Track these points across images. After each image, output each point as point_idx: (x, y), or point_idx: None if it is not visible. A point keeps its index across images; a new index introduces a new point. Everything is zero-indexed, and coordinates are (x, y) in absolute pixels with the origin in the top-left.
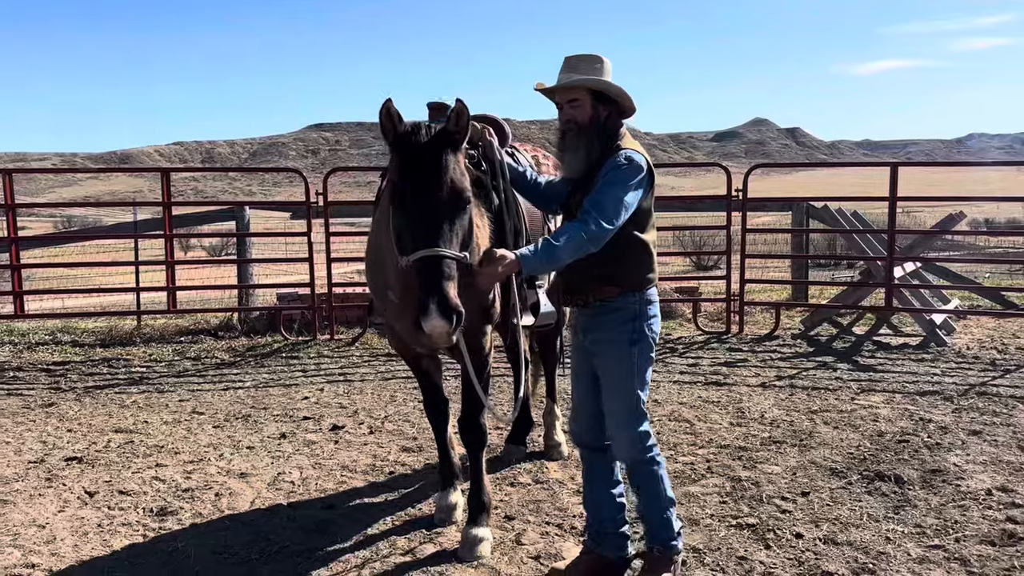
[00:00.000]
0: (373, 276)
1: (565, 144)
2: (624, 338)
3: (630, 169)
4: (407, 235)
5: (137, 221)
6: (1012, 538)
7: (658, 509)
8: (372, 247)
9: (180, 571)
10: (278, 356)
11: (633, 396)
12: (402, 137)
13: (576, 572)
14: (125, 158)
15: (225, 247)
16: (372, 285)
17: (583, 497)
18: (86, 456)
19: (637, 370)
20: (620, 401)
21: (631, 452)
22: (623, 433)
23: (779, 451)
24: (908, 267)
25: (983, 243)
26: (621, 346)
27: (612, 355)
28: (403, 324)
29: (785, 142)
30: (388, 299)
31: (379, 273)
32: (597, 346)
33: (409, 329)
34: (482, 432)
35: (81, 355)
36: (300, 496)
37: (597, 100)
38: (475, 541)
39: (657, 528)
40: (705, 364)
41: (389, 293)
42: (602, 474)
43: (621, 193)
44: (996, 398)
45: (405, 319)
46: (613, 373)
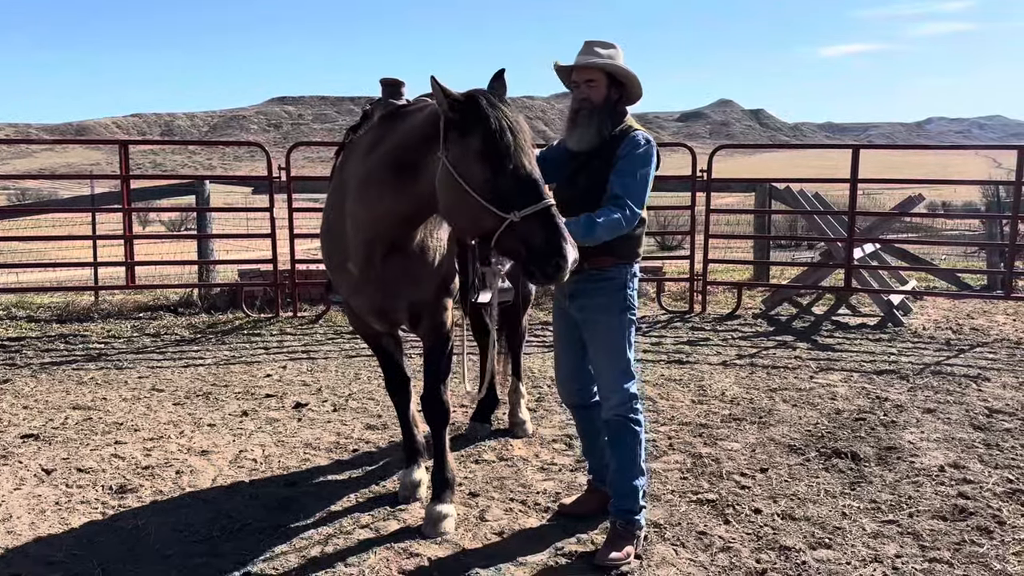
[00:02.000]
0: (329, 251)
1: (578, 120)
2: (616, 305)
3: (649, 151)
4: (520, 192)
5: (94, 194)
6: (963, 513)
7: (629, 475)
8: (328, 221)
9: (140, 549)
10: (240, 333)
11: (624, 357)
12: (486, 102)
13: (586, 506)
14: (82, 130)
15: (185, 222)
16: (328, 260)
17: (582, 449)
18: (43, 433)
19: (625, 332)
20: (612, 363)
21: (620, 409)
22: (614, 393)
23: (739, 428)
24: (867, 248)
25: (940, 225)
26: (613, 313)
27: (604, 321)
28: (361, 299)
29: (749, 123)
30: (346, 272)
31: (337, 246)
32: (587, 312)
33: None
34: (445, 409)
35: (37, 331)
36: (262, 474)
37: (611, 83)
38: (439, 517)
39: (623, 496)
40: (668, 343)
41: (349, 265)
42: (594, 427)
43: (647, 178)
44: (950, 377)
45: (365, 293)
46: (605, 337)
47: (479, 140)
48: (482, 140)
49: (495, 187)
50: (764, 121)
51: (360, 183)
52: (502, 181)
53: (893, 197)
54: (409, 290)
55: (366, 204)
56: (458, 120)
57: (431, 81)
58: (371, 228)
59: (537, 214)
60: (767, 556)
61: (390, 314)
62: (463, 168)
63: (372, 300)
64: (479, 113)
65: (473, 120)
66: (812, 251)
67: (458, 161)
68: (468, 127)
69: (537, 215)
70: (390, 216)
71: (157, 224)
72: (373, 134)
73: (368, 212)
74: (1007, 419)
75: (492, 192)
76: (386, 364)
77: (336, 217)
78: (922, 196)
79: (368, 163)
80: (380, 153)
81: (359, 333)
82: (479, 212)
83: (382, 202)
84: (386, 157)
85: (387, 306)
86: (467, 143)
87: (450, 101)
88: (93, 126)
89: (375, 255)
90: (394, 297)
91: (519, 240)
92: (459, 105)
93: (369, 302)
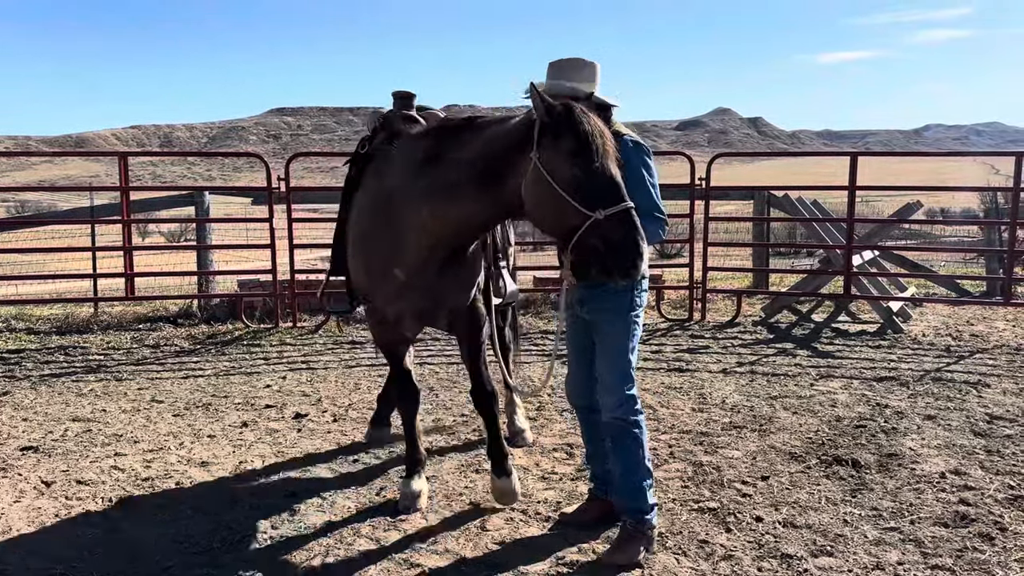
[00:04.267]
0: (367, 259)
1: None
2: (623, 308)
3: (644, 158)
4: (605, 193)
5: (94, 206)
6: (965, 519)
7: (635, 478)
8: (362, 229)
9: (140, 561)
10: (239, 344)
11: (625, 360)
12: (579, 111)
13: (587, 515)
14: (81, 142)
15: (184, 233)
16: (362, 268)
17: (586, 454)
18: (42, 445)
19: (630, 336)
20: (612, 364)
21: (617, 411)
22: (612, 395)
23: (740, 436)
24: (866, 255)
25: (939, 232)
26: (619, 315)
27: (610, 323)
28: (403, 305)
29: (747, 131)
30: (389, 279)
31: (378, 254)
32: (596, 315)
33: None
34: (494, 391)
35: (36, 343)
36: (262, 484)
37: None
38: (509, 486)
39: (631, 498)
40: (668, 351)
41: (396, 272)
42: (599, 431)
43: (656, 184)
44: (950, 384)
45: (409, 299)
46: (609, 339)
47: (571, 142)
48: (574, 142)
49: (583, 186)
50: (762, 129)
51: (433, 191)
52: (589, 181)
53: (892, 204)
54: (456, 294)
55: (441, 211)
56: (552, 124)
57: (531, 88)
58: (440, 234)
59: (619, 214)
60: (769, 564)
61: (432, 318)
62: (554, 168)
63: (417, 305)
64: (573, 119)
65: (567, 124)
66: (811, 258)
67: (550, 162)
68: (561, 130)
69: (619, 215)
70: (466, 222)
71: (156, 235)
72: (431, 143)
73: (441, 219)
74: (1008, 425)
75: (579, 191)
76: (400, 373)
77: (378, 224)
78: (920, 203)
79: (440, 171)
80: (461, 161)
81: (382, 341)
82: (566, 210)
83: (462, 208)
84: (472, 165)
85: (433, 310)
86: (559, 145)
87: (547, 107)
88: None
89: (432, 261)
90: (442, 301)
91: (600, 237)
92: (555, 111)
93: (412, 307)
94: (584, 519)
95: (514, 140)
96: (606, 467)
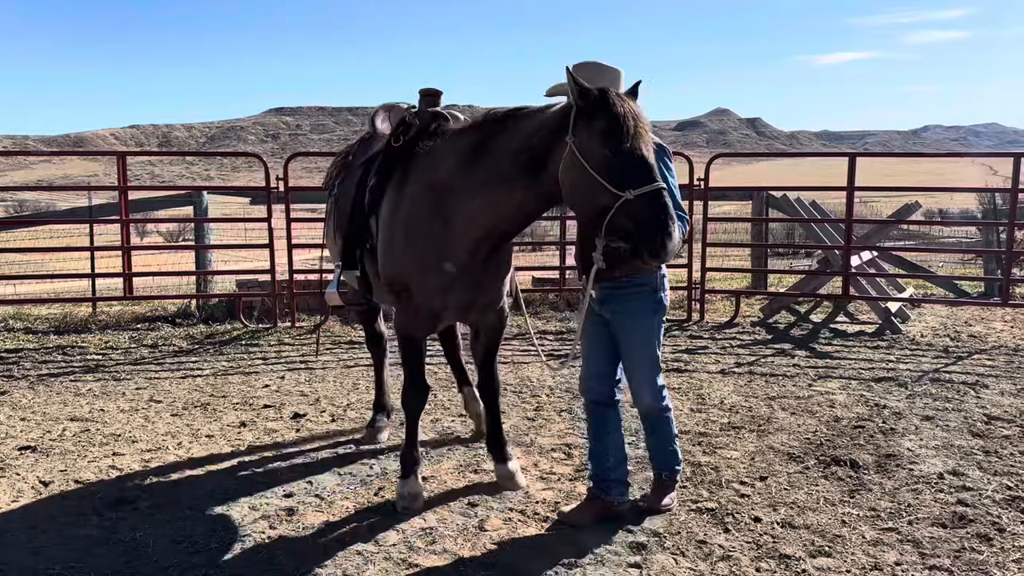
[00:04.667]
0: (421, 254)
1: None
2: (648, 308)
3: (671, 160)
4: (634, 173)
5: (92, 206)
6: (963, 520)
7: (670, 447)
8: (409, 225)
9: (138, 561)
10: (237, 344)
11: (654, 354)
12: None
13: (585, 515)
14: (79, 141)
15: (183, 233)
16: (412, 261)
17: (589, 450)
18: (40, 445)
19: (657, 333)
20: (643, 360)
21: (653, 401)
22: (646, 386)
23: (738, 436)
24: (865, 256)
25: (937, 233)
26: (645, 315)
27: (637, 323)
28: (450, 297)
29: (746, 132)
30: (439, 272)
31: (430, 249)
32: (620, 316)
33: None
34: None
35: (35, 342)
36: (260, 485)
37: None
38: (511, 473)
39: (667, 458)
40: (667, 351)
41: (447, 265)
42: (611, 426)
43: (677, 186)
44: (948, 384)
45: (457, 290)
46: (637, 338)
47: (603, 122)
48: (606, 123)
49: (613, 166)
50: (761, 130)
51: (484, 182)
52: (619, 161)
53: (890, 205)
54: (496, 283)
55: (491, 202)
56: (585, 107)
57: (566, 72)
58: (489, 226)
59: (649, 194)
60: (767, 565)
61: (474, 308)
62: (586, 148)
63: (463, 296)
64: (606, 100)
65: (600, 106)
66: (810, 259)
67: (582, 143)
68: (595, 112)
69: (649, 195)
70: (515, 212)
71: (155, 235)
72: (478, 136)
73: (492, 210)
74: (1006, 426)
75: (610, 171)
76: (419, 369)
77: (428, 218)
78: (918, 203)
79: (489, 163)
80: (508, 151)
81: (412, 334)
82: (597, 190)
83: (511, 198)
84: (519, 154)
85: (477, 300)
86: (592, 126)
87: (580, 89)
88: (91, 138)
89: (480, 252)
90: (485, 291)
91: (630, 218)
92: (589, 94)
93: (458, 298)
94: (581, 519)
95: (553, 126)
96: (607, 465)
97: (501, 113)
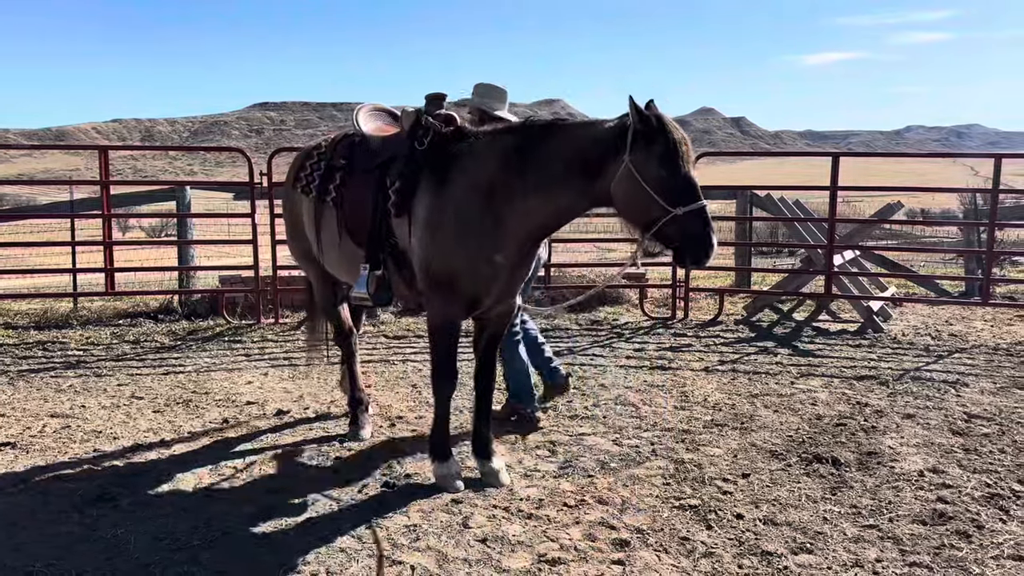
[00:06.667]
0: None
1: None
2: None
3: None
4: (685, 192)
5: (73, 200)
6: (942, 517)
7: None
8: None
9: (119, 558)
10: (220, 340)
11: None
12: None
13: (501, 414)
14: (61, 135)
15: (165, 228)
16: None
17: (502, 372)
18: (20, 441)
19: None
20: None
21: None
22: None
23: (721, 434)
24: (847, 255)
25: (919, 232)
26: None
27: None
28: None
29: (731, 131)
30: (491, 264)
31: (486, 242)
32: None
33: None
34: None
35: (15, 338)
36: (243, 481)
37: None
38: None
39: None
40: (651, 349)
41: (498, 258)
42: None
43: None
44: (929, 383)
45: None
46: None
47: (662, 147)
48: (664, 147)
49: (668, 186)
50: (745, 129)
51: (539, 183)
52: (674, 182)
53: (873, 204)
54: (527, 273)
55: (545, 200)
56: (645, 131)
57: (629, 100)
58: (540, 222)
59: (696, 211)
60: (749, 561)
61: (509, 296)
62: (643, 168)
63: (505, 285)
64: (664, 127)
65: (659, 132)
66: (793, 258)
67: (641, 163)
68: (654, 137)
69: (696, 211)
70: (564, 210)
71: (137, 230)
72: (526, 141)
73: (544, 208)
74: (985, 424)
75: (664, 189)
76: (455, 356)
77: (479, 214)
78: (901, 203)
79: (544, 166)
80: (562, 158)
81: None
82: (652, 205)
83: (563, 199)
84: (572, 162)
85: (513, 289)
86: (652, 149)
87: (642, 116)
88: (73, 131)
89: (527, 246)
90: (519, 280)
91: (678, 230)
92: (649, 120)
93: (501, 288)
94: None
95: (609, 143)
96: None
97: (544, 121)
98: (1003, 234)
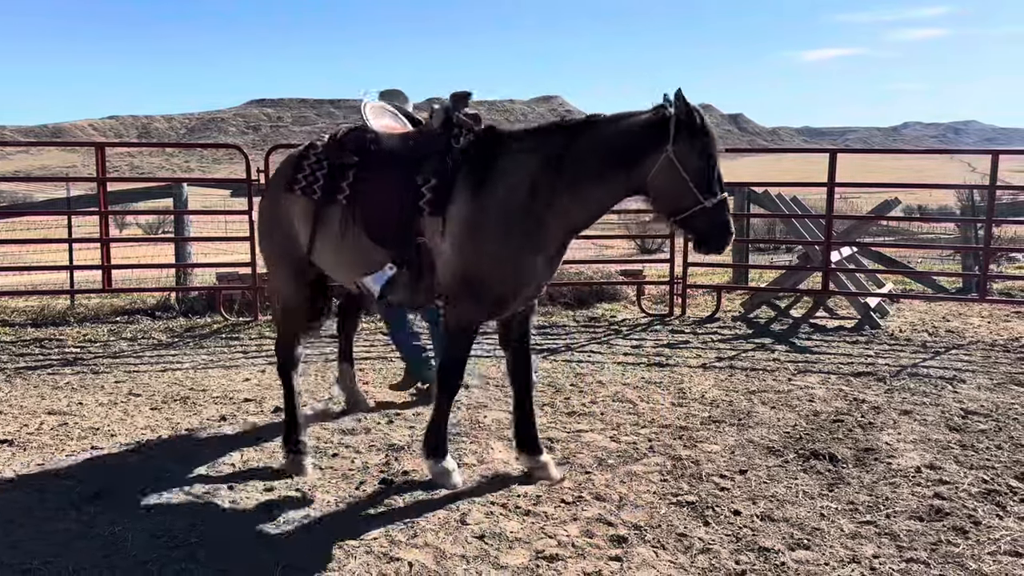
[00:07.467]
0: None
1: None
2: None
3: None
4: (713, 184)
5: (70, 197)
6: (939, 513)
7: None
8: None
9: (117, 556)
10: (217, 337)
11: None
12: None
13: (399, 385)
14: (57, 132)
15: (162, 225)
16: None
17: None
18: (17, 439)
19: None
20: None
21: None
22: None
23: (718, 430)
24: (844, 251)
25: (916, 229)
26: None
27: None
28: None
29: (728, 128)
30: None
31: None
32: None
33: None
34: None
35: (11, 335)
36: (241, 479)
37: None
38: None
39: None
40: (648, 346)
41: (539, 258)
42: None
43: None
44: (926, 379)
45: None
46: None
47: (703, 141)
48: (705, 140)
49: (704, 178)
50: (743, 126)
51: (580, 180)
52: (710, 174)
53: (870, 201)
54: (551, 274)
55: (585, 197)
56: (688, 124)
57: (677, 93)
58: (579, 219)
59: (721, 202)
60: (746, 557)
61: (534, 297)
62: (687, 161)
63: (540, 280)
64: (705, 122)
65: (701, 127)
66: (790, 254)
67: (683, 155)
68: (697, 131)
69: (721, 203)
70: (602, 207)
71: (134, 227)
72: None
73: (584, 204)
74: (982, 420)
75: (701, 181)
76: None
77: (523, 217)
78: (898, 200)
79: (584, 163)
80: (604, 153)
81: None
82: (687, 195)
83: (604, 193)
84: (615, 155)
85: (538, 290)
86: (695, 143)
87: (689, 110)
88: (69, 128)
89: (566, 242)
90: (551, 274)
91: (706, 219)
92: (695, 114)
93: (536, 282)
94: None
95: (648, 135)
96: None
97: (578, 120)
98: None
